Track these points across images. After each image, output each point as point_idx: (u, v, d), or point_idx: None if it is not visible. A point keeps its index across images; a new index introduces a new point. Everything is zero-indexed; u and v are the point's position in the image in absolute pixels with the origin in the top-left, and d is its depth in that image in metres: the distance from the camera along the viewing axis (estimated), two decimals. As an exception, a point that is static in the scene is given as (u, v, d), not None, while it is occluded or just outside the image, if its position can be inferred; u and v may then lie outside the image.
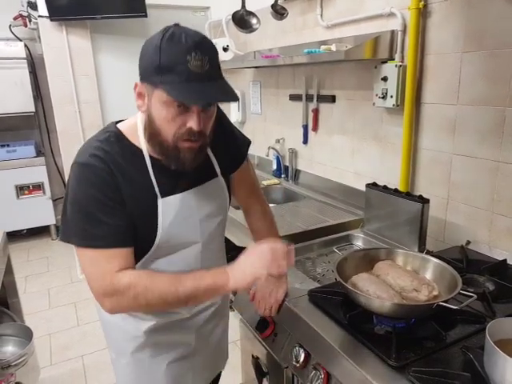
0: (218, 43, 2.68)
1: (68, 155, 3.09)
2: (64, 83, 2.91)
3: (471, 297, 0.87)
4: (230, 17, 2.20)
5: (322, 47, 1.66)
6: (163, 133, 0.85)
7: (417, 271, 1.03)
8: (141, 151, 0.90)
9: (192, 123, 0.82)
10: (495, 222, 1.31)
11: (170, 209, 0.92)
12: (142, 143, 0.91)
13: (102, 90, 3.06)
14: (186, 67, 0.77)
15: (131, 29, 2.94)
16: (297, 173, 2.41)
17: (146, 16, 2.72)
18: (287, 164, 2.44)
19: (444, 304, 0.83)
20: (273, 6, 1.82)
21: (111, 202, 0.85)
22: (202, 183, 0.98)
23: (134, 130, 0.92)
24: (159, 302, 0.86)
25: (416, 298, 0.92)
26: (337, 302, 1.04)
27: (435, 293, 0.92)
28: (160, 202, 0.91)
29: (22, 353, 1.60)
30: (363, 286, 0.94)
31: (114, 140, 0.90)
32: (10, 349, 1.75)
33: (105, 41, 2.99)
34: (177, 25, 0.83)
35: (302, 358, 1.00)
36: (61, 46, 2.85)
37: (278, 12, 1.83)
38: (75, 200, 0.86)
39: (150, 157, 0.91)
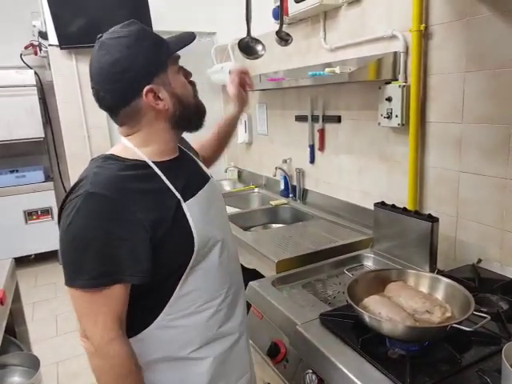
0: (225, 67, 2.74)
1: (76, 178, 3.14)
2: (73, 109, 2.98)
3: (485, 317, 0.86)
4: (236, 41, 2.26)
5: (327, 70, 1.69)
6: (187, 100, 0.90)
7: (429, 292, 1.02)
8: (146, 164, 0.87)
9: (188, 74, 0.93)
10: (506, 239, 1.30)
11: (195, 210, 0.89)
12: (141, 156, 0.87)
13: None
14: (155, 33, 0.87)
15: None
16: (304, 192, 2.41)
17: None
18: (295, 184, 2.45)
19: (458, 326, 0.83)
20: (277, 33, 1.87)
21: (127, 234, 0.78)
22: (206, 183, 0.98)
23: (127, 149, 0.88)
24: None
25: (429, 320, 0.91)
26: (349, 325, 1.03)
27: (448, 314, 0.91)
28: (185, 206, 0.87)
29: (28, 383, 1.59)
30: (375, 308, 0.93)
31: (115, 162, 0.85)
32: (17, 379, 1.72)
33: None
34: (100, 36, 0.86)
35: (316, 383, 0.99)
36: (70, 72, 2.94)
37: (283, 38, 1.87)
38: (81, 236, 0.77)
39: (156, 165, 0.88)
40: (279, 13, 1.89)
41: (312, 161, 2.29)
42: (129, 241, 0.78)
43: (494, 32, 1.25)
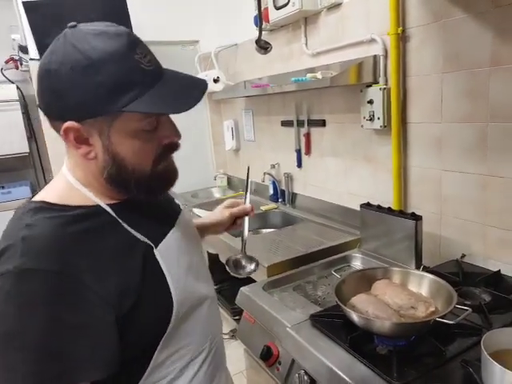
0: (209, 75, 2.76)
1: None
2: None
3: (466, 310, 0.89)
4: (219, 49, 2.29)
5: (308, 75, 1.73)
6: (139, 168, 0.66)
7: (414, 288, 1.04)
8: (96, 210, 0.67)
9: (171, 136, 0.68)
10: (488, 234, 1.34)
11: (170, 255, 0.71)
12: (90, 196, 0.67)
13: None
14: (142, 70, 0.61)
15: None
16: (293, 196, 2.44)
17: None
18: (283, 188, 2.48)
19: (441, 320, 0.85)
20: (257, 42, 1.90)
21: (82, 317, 0.59)
22: (176, 219, 0.80)
23: (72, 190, 0.68)
24: None
25: (414, 316, 0.94)
26: (338, 324, 1.05)
27: (432, 309, 0.94)
28: (156, 252, 0.68)
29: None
30: (362, 307, 0.96)
31: (51, 215, 0.62)
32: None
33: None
34: (73, 26, 0.63)
35: None
36: (54, 86, 2.93)
37: (262, 47, 1.90)
38: (15, 333, 0.56)
39: (112, 209, 0.68)
40: (258, 21, 1.92)
41: (299, 165, 2.32)
42: (86, 328, 0.59)
43: (468, 33, 1.29)
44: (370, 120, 1.64)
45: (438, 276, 1.19)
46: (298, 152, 2.30)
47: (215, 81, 2.76)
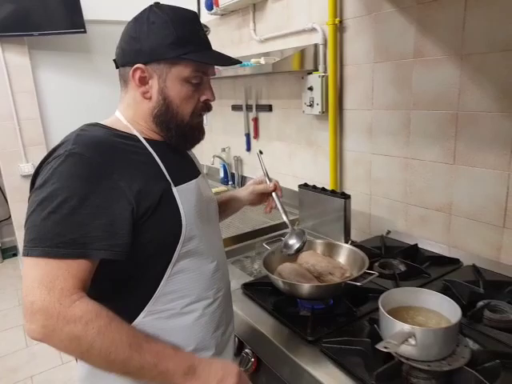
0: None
1: (8, 173, 3.03)
2: (1, 100, 2.86)
3: (374, 274, 0.99)
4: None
5: (252, 60, 1.78)
6: (181, 113, 0.82)
7: (333, 258, 1.15)
8: (136, 138, 0.81)
9: (208, 95, 0.84)
10: (409, 211, 1.47)
11: (186, 197, 0.82)
12: (132, 130, 0.82)
13: (44, 106, 3.04)
14: (199, 36, 0.81)
15: (71, 45, 2.95)
16: (243, 179, 2.51)
17: (85, 32, 2.75)
18: (234, 171, 2.54)
19: (351, 282, 0.95)
20: None
21: (105, 201, 0.70)
22: (198, 176, 0.90)
23: (119, 122, 0.83)
24: (101, 357, 0.66)
25: (331, 281, 1.04)
26: (267, 291, 1.14)
27: (347, 274, 1.04)
28: (175, 190, 0.80)
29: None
30: (286, 274, 1.04)
31: (101, 129, 0.80)
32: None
33: (44, 57, 2.97)
34: (157, 3, 0.82)
35: (236, 346, 1.09)
36: (-4, 62, 2.82)
37: None
38: (52, 197, 0.68)
39: (148, 143, 0.82)
40: (198, 5, 1.94)
41: (248, 148, 2.39)
42: (106, 209, 0.70)
43: (395, 26, 1.40)
44: (310, 106, 1.73)
45: (363, 249, 1.30)
46: (247, 136, 2.36)
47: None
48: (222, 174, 2.64)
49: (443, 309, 0.85)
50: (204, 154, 2.87)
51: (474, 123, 1.23)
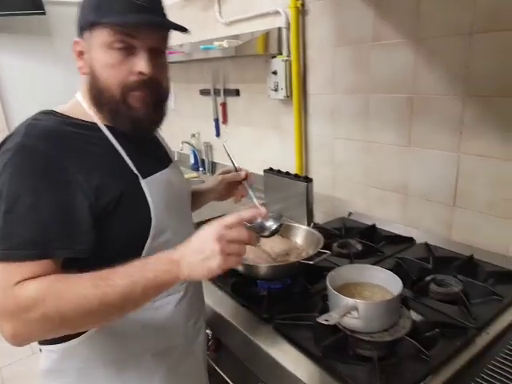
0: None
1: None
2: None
3: (327, 253, 1.04)
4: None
5: (216, 43, 1.77)
6: (108, 84, 0.73)
7: (292, 239, 1.18)
8: (98, 128, 0.76)
9: (140, 65, 0.72)
10: (369, 193, 1.52)
11: (156, 188, 0.78)
12: (92, 116, 0.76)
13: (4, 91, 2.94)
14: (127, 2, 0.71)
15: (30, 27, 2.84)
16: (213, 165, 2.52)
17: (44, 13, 2.66)
18: (204, 158, 2.54)
19: (305, 261, 0.99)
20: None
21: (62, 197, 0.66)
22: (168, 165, 0.87)
23: (78, 106, 0.78)
24: (80, 314, 0.62)
25: (287, 261, 1.07)
26: (229, 274, 1.16)
27: (303, 254, 1.08)
28: (143, 182, 0.76)
29: None
30: (244, 256, 1.07)
31: (55, 118, 0.73)
32: None
33: (2, 40, 2.86)
34: None
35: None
36: None
37: None
38: (5, 195, 0.64)
39: (110, 131, 0.76)
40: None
41: (218, 134, 2.39)
42: (64, 206, 0.66)
43: (355, 10, 1.41)
44: (275, 90, 1.74)
45: (324, 231, 1.34)
46: (216, 121, 2.36)
47: (135, 47, 2.70)
48: (192, 160, 2.64)
49: (388, 283, 0.90)
50: (176, 138, 2.85)
51: (428, 106, 1.27)
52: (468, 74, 1.14)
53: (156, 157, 0.85)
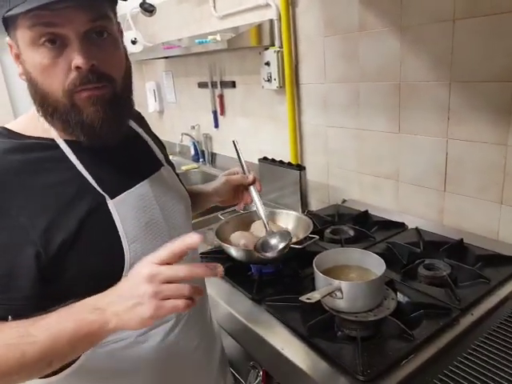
0: (127, 36, 2.72)
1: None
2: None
3: (315, 237, 1.07)
4: (136, 10, 2.28)
5: (209, 37, 1.80)
6: (49, 89, 0.61)
7: (283, 225, 1.22)
8: (56, 145, 0.64)
9: (75, 58, 0.58)
10: (362, 180, 1.55)
11: (128, 209, 0.66)
12: (48, 130, 0.65)
13: (11, 89, 2.99)
14: None
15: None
16: (213, 156, 2.56)
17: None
18: (204, 149, 2.58)
19: (294, 246, 1.03)
20: (141, 5, 1.91)
21: (0, 245, 0.57)
22: (151, 174, 0.74)
23: (36, 120, 0.66)
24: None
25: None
26: (222, 259, 1.20)
27: (294, 240, 1.11)
28: (111, 204, 0.65)
29: None
30: (236, 241, 1.12)
31: (3, 140, 0.63)
32: None
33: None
34: None
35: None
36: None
37: (147, 10, 1.92)
38: None
39: (70, 147, 0.65)
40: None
41: (216, 125, 2.42)
42: (2, 256, 0.57)
43: (341, 0, 1.43)
44: (268, 81, 1.76)
45: (317, 218, 1.38)
46: (214, 113, 2.39)
47: (133, 42, 2.72)
48: (192, 152, 2.68)
49: (374, 267, 0.93)
50: (176, 132, 2.89)
51: (415, 93, 1.29)
52: (453, 60, 1.16)
53: (134, 167, 0.71)
